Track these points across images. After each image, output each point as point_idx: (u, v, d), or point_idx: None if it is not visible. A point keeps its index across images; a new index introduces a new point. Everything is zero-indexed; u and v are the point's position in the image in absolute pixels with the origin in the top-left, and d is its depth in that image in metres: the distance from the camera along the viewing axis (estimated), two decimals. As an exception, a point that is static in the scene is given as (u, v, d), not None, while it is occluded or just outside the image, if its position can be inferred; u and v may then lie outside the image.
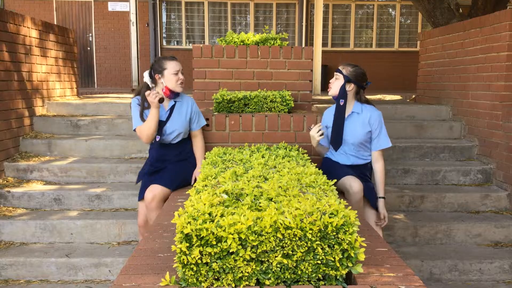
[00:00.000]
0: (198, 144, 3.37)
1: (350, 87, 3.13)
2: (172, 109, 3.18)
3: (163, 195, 3.04)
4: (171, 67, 3.10)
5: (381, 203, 3.13)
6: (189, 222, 1.49)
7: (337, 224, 1.52)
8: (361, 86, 3.16)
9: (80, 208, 4.06)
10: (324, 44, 11.35)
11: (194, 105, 3.30)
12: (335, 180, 2.18)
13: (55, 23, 11.30)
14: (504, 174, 4.26)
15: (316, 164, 2.65)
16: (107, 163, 4.43)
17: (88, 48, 11.71)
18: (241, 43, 4.28)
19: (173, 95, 3.15)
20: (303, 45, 10.73)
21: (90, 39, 11.67)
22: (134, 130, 3.15)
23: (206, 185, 1.98)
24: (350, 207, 1.73)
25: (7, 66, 4.53)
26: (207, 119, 3.52)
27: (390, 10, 11.89)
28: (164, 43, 11.75)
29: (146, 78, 3.15)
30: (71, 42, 6.13)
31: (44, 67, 5.32)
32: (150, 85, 3.15)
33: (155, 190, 3.02)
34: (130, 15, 8.41)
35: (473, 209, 4.18)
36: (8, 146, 4.50)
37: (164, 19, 11.72)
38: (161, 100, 2.98)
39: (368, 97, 3.29)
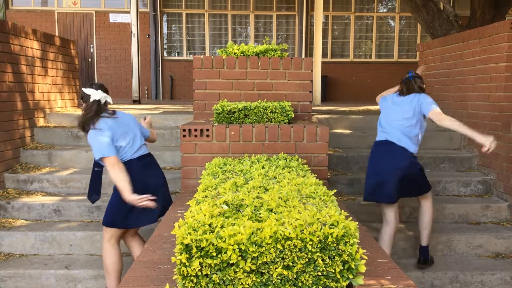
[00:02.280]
0: None
1: None
2: None
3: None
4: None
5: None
6: (189, 233, 1.49)
7: (337, 235, 1.52)
8: None
9: (80, 220, 4.05)
10: (324, 55, 11.41)
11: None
12: (334, 190, 2.17)
13: (57, 34, 11.38)
14: (505, 185, 4.25)
15: (316, 175, 2.65)
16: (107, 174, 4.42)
17: (89, 59, 11.77)
18: (242, 54, 4.31)
19: None
20: (303, 56, 10.80)
21: (91, 50, 11.74)
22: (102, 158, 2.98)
23: (206, 196, 1.98)
24: (350, 218, 1.73)
25: (9, 77, 4.55)
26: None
27: (390, 21, 11.97)
28: (165, 54, 11.82)
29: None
30: (73, 53, 6.16)
31: (46, 78, 5.34)
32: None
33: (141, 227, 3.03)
34: (131, 26, 8.47)
35: (474, 220, 4.17)
36: (8, 157, 4.50)
37: (165, 31, 11.80)
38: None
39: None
